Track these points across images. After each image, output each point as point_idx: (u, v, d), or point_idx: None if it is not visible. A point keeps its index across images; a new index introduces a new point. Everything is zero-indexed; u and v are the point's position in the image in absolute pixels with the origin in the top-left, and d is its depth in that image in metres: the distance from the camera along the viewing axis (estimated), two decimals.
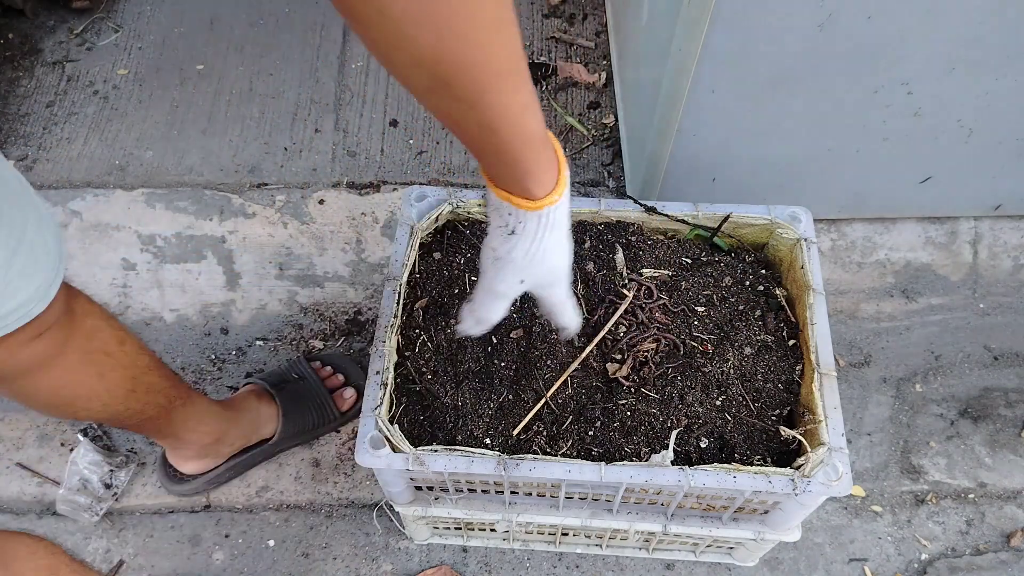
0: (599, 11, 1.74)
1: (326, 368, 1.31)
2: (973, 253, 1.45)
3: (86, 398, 0.88)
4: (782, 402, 0.95)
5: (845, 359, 1.37)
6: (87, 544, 1.22)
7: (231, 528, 1.24)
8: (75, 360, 0.84)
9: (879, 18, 1.00)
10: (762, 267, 1.04)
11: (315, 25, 1.74)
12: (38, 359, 0.79)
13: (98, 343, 0.86)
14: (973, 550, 1.22)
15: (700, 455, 0.91)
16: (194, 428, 1.10)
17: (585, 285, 1.00)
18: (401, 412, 0.94)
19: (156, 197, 1.51)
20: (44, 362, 0.80)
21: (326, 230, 1.48)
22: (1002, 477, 1.27)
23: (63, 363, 0.82)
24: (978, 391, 1.34)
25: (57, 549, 1.20)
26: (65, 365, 0.83)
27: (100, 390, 0.89)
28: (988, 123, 1.21)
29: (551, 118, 1.60)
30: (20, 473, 1.27)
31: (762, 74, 1.08)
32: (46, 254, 0.73)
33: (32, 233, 0.71)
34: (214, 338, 1.39)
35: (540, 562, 1.20)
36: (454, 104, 0.52)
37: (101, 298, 1.41)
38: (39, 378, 0.82)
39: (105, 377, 0.88)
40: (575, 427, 0.92)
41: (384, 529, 1.23)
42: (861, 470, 1.27)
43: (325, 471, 1.27)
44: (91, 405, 0.89)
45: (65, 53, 1.71)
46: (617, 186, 1.51)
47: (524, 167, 0.58)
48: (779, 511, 0.94)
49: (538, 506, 1.02)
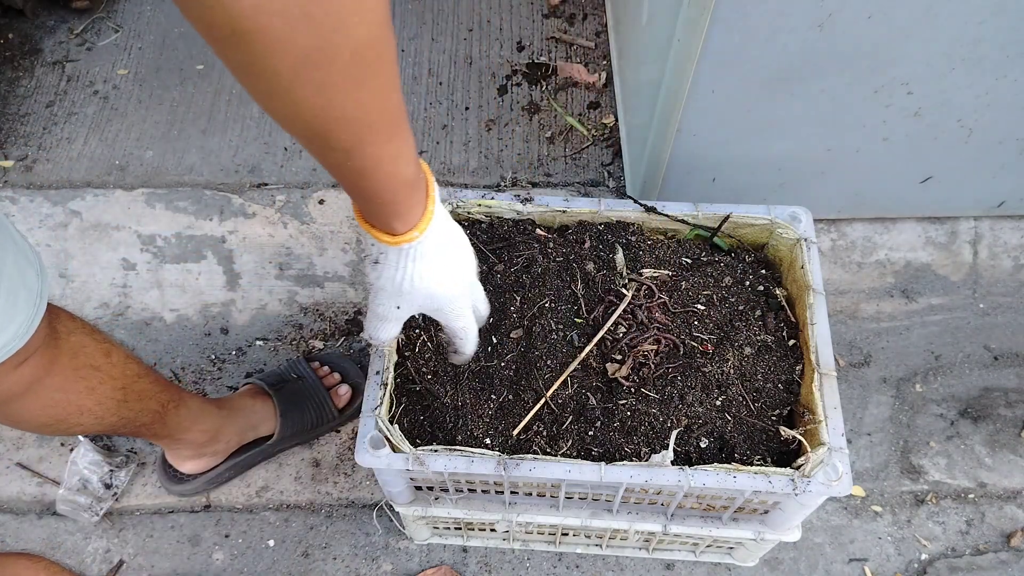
0: (599, 11, 1.74)
1: (325, 368, 1.31)
2: (973, 253, 1.45)
3: (77, 414, 0.88)
4: (782, 402, 0.95)
5: (845, 359, 1.37)
6: (87, 544, 1.22)
7: (231, 528, 1.24)
8: (62, 379, 0.84)
9: (879, 18, 1.00)
10: (762, 267, 1.04)
11: None
12: (24, 384, 0.79)
13: (84, 359, 0.86)
14: (973, 550, 1.22)
15: (700, 455, 0.91)
16: (189, 428, 1.10)
17: (585, 285, 1.00)
18: (401, 412, 0.94)
19: (156, 197, 1.51)
20: (30, 386, 0.80)
21: (326, 230, 1.48)
22: (1002, 477, 1.27)
23: (50, 384, 0.82)
24: (978, 391, 1.34)
25: (55, 567, 1.19)
26: (53, 385, 0.83)
27: (91, 404, 0.89)
28: (988, 123, 1.21)
29: (551, 118, 1.60)
30: (20, 473, 1.27)
31: (762, 74, 1.08)
32: (27, 291, 0.73)
33: (11, 270, 0.71)
34: (214, 338, 1.39)
35: (540, 562, 1.20)
36: (331, 153, 0.54)
37: (101, 298, 1.41)
38: (27, 402, 0.82)
39: (95, 391, 0.88)
40: (575, 427, 0.92)
41: (384, 529, 1.23)
42: (861, 470, 1.27)
43: (325, 471, 1.27)
44: (83, 420, 0.89)
45: (65, 53, 1.71)
46: (617, 186, 1.51)
47: (391, 208, 0.62)
48: (779, 511, 0.94)
49: (538, 506, 1.02)
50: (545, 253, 1.02)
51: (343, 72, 0.47)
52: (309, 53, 0.44)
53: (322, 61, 0.45)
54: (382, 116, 0.53)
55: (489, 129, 1.59)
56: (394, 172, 0.59)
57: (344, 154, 0.54)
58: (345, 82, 0.48)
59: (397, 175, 0.59)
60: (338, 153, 0.54)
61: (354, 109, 0.50)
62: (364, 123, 0.52)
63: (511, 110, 1.62)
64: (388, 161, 0.57)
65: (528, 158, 1.56)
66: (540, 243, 1.03)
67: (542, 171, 1.54)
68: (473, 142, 1.58)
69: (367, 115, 0.52)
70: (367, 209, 0.64)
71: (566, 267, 1.01)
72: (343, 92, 0.48)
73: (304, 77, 0.46)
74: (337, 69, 0.47)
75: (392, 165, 0.58)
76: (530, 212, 1.05)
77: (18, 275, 0.72)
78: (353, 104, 0.50)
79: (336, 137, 0.52)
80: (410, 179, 0.61)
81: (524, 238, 1.03)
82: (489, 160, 1.56)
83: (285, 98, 0.48)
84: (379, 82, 0.50)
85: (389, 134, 0.55)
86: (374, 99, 0.51)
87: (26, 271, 0.74)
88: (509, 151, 1.57)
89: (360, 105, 0.50)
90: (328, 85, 0.47)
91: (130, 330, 1.39)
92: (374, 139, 0.54)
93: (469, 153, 1.57)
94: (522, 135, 1.59)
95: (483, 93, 1.64)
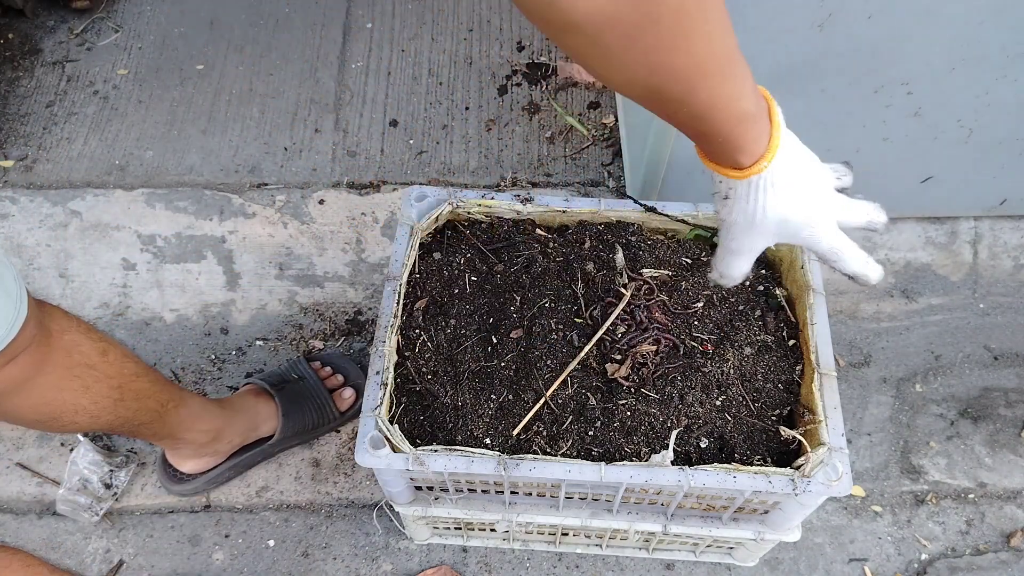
0: None
1: (326, 368, 1.31)
2: (973, 253, 1.45)
3: (72, 412, 0.88)
4: (782, 402, 0.95)
5: (845, 359, 1.37)
6: (87, 544, 1.22)
7: (231, 528, 1.24)
8: (56, 377, 0.84)
9: (879, 18, 1.00)
10: (762, 267, 1.04)
11: (315, 25, 1.74)
12: (14, 382, 0.79)
13: (79, 357, 0.86)
14: (973, 550, 1.22)
15: (700, 455, 0.91)
16: (190, 428, 1.10)
17: (585, 285, 1.00)
18: (401, 412, 0.94)
19: (156, 197, 1.51)
20: (21, 384, 0.80)
21: (326, 230, 1.48)
22: (1002, 477, 1.27)
23: (43, 382, 0.82)
24: (978, 391, 1.34)
25: (33, 560, 1.17)
26: (46, 383, 0.83)
27: (86, 403, 0.88)
28: (988, 123, 1.21)
29: (551, 118, 1.60)
30: (20, 473, 1.27)
31: (762, 74, 1.08)
32: (6, 295, 0.73)
33: None
34: (214, 338, 1.39)
35: (540, 562, 1.20)
36: (668, 104, 0.56)
37: (101, 298, 1.41)
38: (18, 399, 0.82)
39: (91, 389, 0.88)
40: (575, 427, 0.92)
41: (384, 529, 1.23)
42: (861, 470, 1.27)
43: (325, 471, 1.27)
44: (78, 419, 0.89)
45: (65, 53, 1.71)
46: (617, 186, 1.51)
47: (734, 144, 0.61)
48: (779, 511, 0.94)
49: (538, 506, 1.02)
50: (545, 253, 1.02)
51: (669, 30, 0.49)
52: (635, 22, 0.47)
53: (648, 26, 0.47)
54: (712, 60, 0.53)
55: (489, 129, 1.60)
56: (733, 110, 0.58)
57: (678, 103, 0.55)
58: (673, 38, 0.49)
59: (736, 112, 0.58)
60: (673, 103, 0.55)
61: (684, 59, 0.51)
62: (696, 70, 0.52)
63: (511, 110, 1.62)
64: (725, 100, 0.57)
65: (528, 158, 1.56)
66: (540, 243, 1.03)
67: (542, 171, 1.54)
68: (473, 142, 1.58)
69: (698, 63, 0.52)
70: (710, 149, 0.63)
71: (566, 267, 1.01)
72: (671, 48, 0.50)
73: (634, 45, 0.48)
74: (664, 29, 0.48)
75: (730, 103, 0.57)
76: (530, 212, 1.05)
77: None
78: (683, 55, 0.51)
79: (670, 89, 0.53)
80: (751, 113, 0.60)
81: (524, 238, 1.03)
82: (489, 160, 1.56)
83: (619, 67, 0.50)
84: (707, 28, 0.51)
85: (723, 76, 0.55)
86: (703, 46, 0.51)
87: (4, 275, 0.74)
88: (509, 151, 1.57)
89: (690, 55, 0.51)
90: (656, 47, 0.49)
91: (130, 330, 1.39)
92: (708, 83, 0.54)
93: (469, 153, 1.57)
94: (522, 135, 1.59)
95: (483, 93, 1.64)
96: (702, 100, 0.55)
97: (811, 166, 0.69)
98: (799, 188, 0.67)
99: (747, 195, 0.66)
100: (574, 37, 0.48)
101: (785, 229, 0.70)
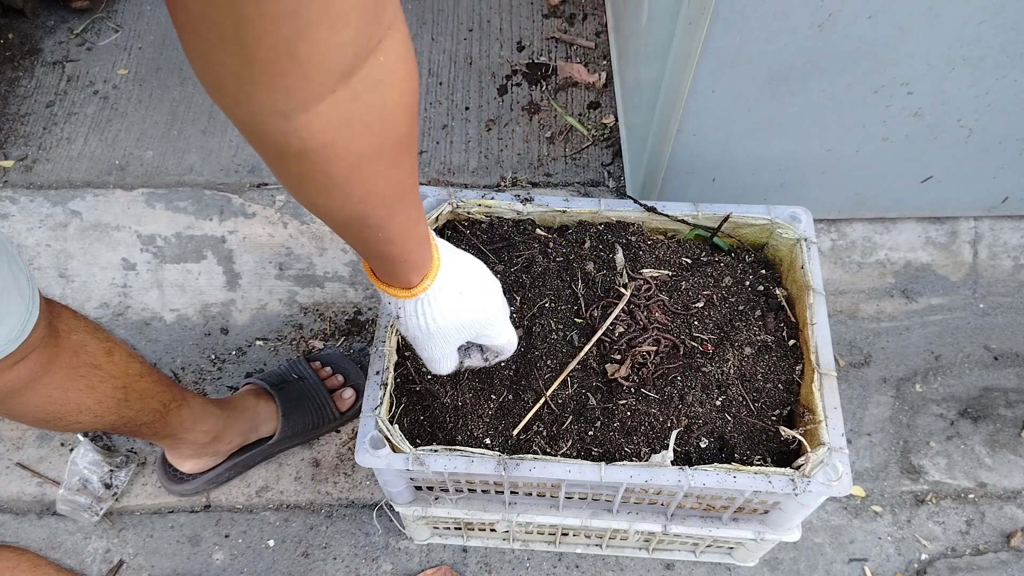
0: (599, 11, 1.74)
1: (326, 368, 1.31)
2: (973, 253, 1.45)
3: (76, 411, 0.88)
4: (782, 402, 0.95)
5: (845, 359, 1.37)
6: (87, 544, 1.22)
7: (231, 528, 1.24)
8: (62, 377, 0.84)
9: (879, 18, 1.00)
10: (762, 267, 1.04)
11: None
12: (21, 382, 0.80)
13: (85, 357, 0.87)
14: (973, 550, 1.22)
15: (700, 455, 0.91)
16: (191, 428, 1.10)
17: (585, 285, 1.00)
18: (401, 412, 0.94)
19: (156, 197, 1.51)
20: (28, 383, 0.81)
21: (326, 230, 1.48)
22: (1002, 477, 1.27)
23: (50, 381, 0.83)
24: (978, 391, 1.34)
25: (40, 560, 1.18)
26: (52, 383, 0.83)
27: (90, 402, 0.89)
28: (988, 123, 1.21)
29: (551, 118, 1.60)
30: (20, 473, 1.27)
31: (762, 74, 1.08)
32: (20, 297, 0.74)
33: (3, 271, 0.72)
34: (214, 338, 1.39)
35: (540, 562, 1.20)
36: (366, 230, 0.58)
37: (101, 298, 1.41)
38: (25, 398, 0.82)
39: (95, 389, 0.89)
40: (575, 427, 0.92)
41: (384, 529, 1.23)
42: (861, 470, 1.27)
43: (325, 471, 1.27)
44: (82, 418, 0.89)
45: (65, 53, 1.71)
46: (617, 186, 1.51)
47: (411, 264, 0.66)
48: (779, 511, 0.94)
49: (538, 506, 1.02)
50: (545, 253, 1.02)
51: (390, 160, 0.52)
52: (364, 154, 0.49)
53: (373, 157, 0.50)
54: (411, 187, 0.58)
55: (489, 129, 1.59)
56: (417, 233, 0.63)
57: (376, 228, 0.58)
58: (388, 169, 0.52)
59: (418, 235, 0.63)
60: (372, 229, 0.58)
61: (393, 188, 0.55)
62: (397, 197, 0.56)
63: (511, 110, 1.62)
64: (413, 224, 0.61)
65: (528, 158, 1.56)
66: (540, 243, 1.03)
67: (542, 171, 1.54)
68: (473, 142, 1.58)
69: (400, 190, 0.56)
70: (387, 270, 0.67)
71: (566, 267, 1.01)
72: (385, 177, 0.53)
73: (357, 175, 0.50)
74: (385, 159, 0.51)
75: (416, 227, 0.62)
76: (530, 212, 1.05)
77: (12, 280, 0.73)
78: (393, 184, 0.55)
79: (374, 215, 0.56)
80: (425, 235, 0.65)
81: (524, 238, 1.03)
82: (489, 160, 1.56)
83: (336, 195, 0.52)
84: (411, 159, 0.55)
85: (413, 201, 0.59)
86: (407, 174, 0.56)
87: (19, 276, 0.74)
88: (509, 151, 1.57)
89: (397, 184, 0.55)
90: (374, 176, 0.52)
91: (130, 330, 1.39)
92: (404, 209, 0.58)
93: (469, 153, 1.57)
94: (522, 135, 1.59)
95: (483, 93, 1.64)
96: (397, 224, 0.59)
97: (474, 272, 0.74)
98: (467, 295, 0.72)
99: (415, 311, 0.70)
100: (302, 164, 0.48)
101: (466, 333, 0.75)
